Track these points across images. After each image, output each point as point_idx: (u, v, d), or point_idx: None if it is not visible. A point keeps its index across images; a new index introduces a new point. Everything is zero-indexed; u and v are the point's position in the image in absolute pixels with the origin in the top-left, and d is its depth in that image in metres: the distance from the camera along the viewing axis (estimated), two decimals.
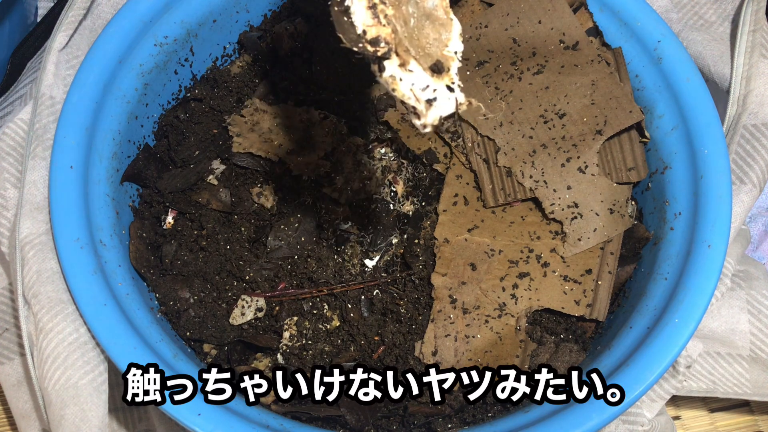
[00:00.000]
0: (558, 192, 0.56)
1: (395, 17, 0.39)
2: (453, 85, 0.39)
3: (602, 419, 0.46)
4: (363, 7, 0.38)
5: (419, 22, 0.40)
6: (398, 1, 0.40)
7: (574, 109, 0.57)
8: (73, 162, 0.52)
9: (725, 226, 0.52)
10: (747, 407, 0.64)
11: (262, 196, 0.58)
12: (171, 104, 0.60)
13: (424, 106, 0.38)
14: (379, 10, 0.38)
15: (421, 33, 0.40)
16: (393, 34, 0.38)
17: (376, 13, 0.38)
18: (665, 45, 0.57)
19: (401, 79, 0.38)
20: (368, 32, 0.38)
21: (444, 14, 0.40)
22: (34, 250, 0.51)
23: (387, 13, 0.39)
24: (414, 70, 0.38)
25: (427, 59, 0.39)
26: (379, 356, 0.54)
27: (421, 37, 0.40)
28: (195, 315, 0.54)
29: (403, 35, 0.39)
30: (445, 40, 0.40)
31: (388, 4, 0.39)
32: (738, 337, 0.56)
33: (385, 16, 0.39)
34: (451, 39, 0.40)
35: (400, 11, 0.39)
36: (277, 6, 0.63)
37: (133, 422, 0.55)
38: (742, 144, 0.58)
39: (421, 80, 0.38)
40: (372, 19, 0.38)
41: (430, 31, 0.40)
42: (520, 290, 0.54)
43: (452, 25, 0.40)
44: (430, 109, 0.38)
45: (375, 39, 0.38)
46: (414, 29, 0.40)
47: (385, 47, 0.38)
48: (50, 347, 0.50)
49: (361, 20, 0.38)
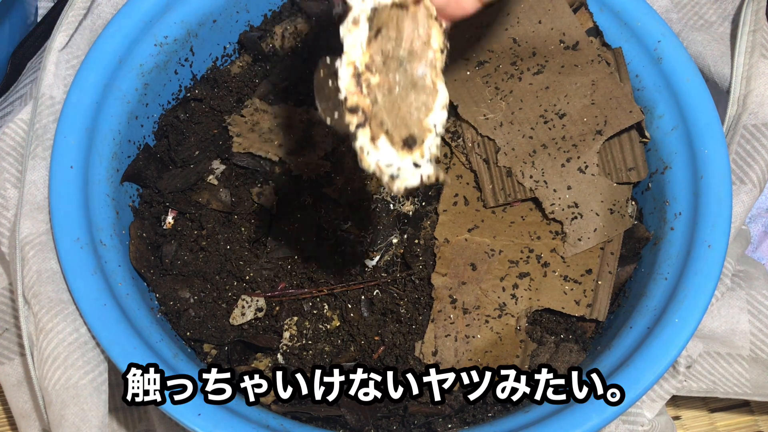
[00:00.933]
0: (558, 192, 0.56)
1: (378, 86, 0.40)
2: (422, 159, 0.40)
3: (602, 419, 0.46)
4: (349, 74, 0.39)
5: (404, 90, 0.41)
6: (386, 68, 0.40)
7: (574, 109, 0.57)
8: (73, 162, 0.52)
9: (725, 226, 0.52)
10: (747, 407, 0.64)
11: (262, 196, 0.58)
12: (171, 104, 0.60)
13: (387, 179, 0.40)
14: (364, 78, 0.39)
15: (404, 101, 0.41)
16: (371, 105, 0.40)
17: (360, 81, 0.39)
18: (665, 45, 0.57)
19: (368, 153, 0.39)
20: (349, 99, 0.39)
21: (431, 83, 0.41)
22: (34, 250, 0.51)
23: (371, 81, 0.40)
24: (381, 147, 0.39)
25: (403, 130, 0.40)
26: (379, 356, 0.54)
27: (403, 106, 0.40)
28: (195, 315, 0.54)
29: (383, 105, 0.40)
30: (427, 110, 0.41)
31: (375, 72, 0.40)
32: (738, 337, 0.56)
33: (368, 85, 0.39)
34: (433, 110, 0.41)
35: (386, 78, 0.40)
36: (277, 6, 0.63)
37: (133, 422, 0.55)
38: (742, 144, 0.58)
39: (387, 157, 0.39)
40: (355, 86, 0.39)
41: (414, 99, 0.41)
42: (521, 290, 0.54)
43: (437, 95, 0.41)
44: (392, 183, 0.40)
45: (354, 107, 0.39)
46: (397, 97, 0.40)
47: (361, 117, 0.39)
48: (50, 347, 0.50)
49: (345, 86, 0.39)
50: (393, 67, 0.41)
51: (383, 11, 0.40)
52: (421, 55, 0.41)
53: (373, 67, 0.40)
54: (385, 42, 0.40)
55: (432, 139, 0.40)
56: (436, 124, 0.41)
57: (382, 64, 0.40)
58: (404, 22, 0.41)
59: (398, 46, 0.41)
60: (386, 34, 0.40)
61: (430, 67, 0.41)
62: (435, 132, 0.41)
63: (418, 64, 0.41)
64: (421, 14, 0.41)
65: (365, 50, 0.40)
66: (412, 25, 0.41)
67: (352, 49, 0.39)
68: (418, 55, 0.41)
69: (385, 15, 0.40)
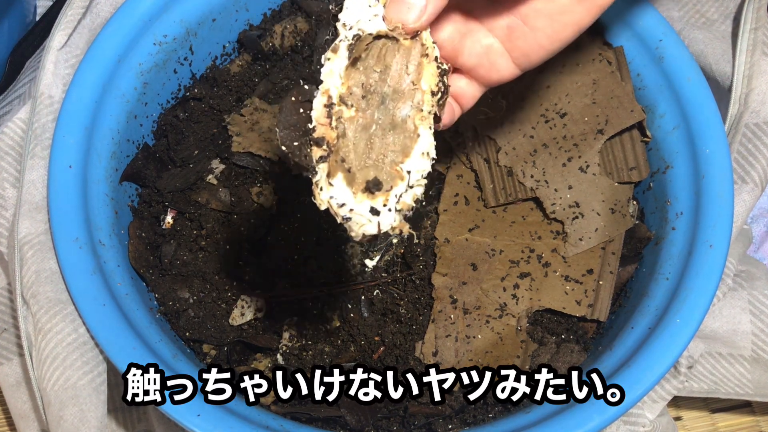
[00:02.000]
0: (559, 192, 0.56)
1: (351, 120, 0.37)
2: (383, 207, 0.36)
3: (603, 420, 0.46)
4: (321, 104, 0.37)
5: (382, 130, 0.38)
6: (366, 103, 0.38)
7: (575, 108, 0.57)
8: (72, 161, 0.52)
9: (727, 226, 0.51)
10: (749, 408, 0.64)
11: (262, 195, 0.57)
12: (170, 103, 0.60)
13: (340, 220, 0.37)
14: (335, 111, 0.37)
15: (379, 141, 0.38)
16: (336, 139, 0.37)
17: (331, 113, 0.37)
18: (667, 44, 0.56)
19: (322, 188, 0.37)
20: (317, 130, 0.37)
21: (413, 127, 0.38)
22: (33, 250, 0.51)
23: (342, 115, 0.37)
24: (335, 186, 0.37)
25: (369, 172, 0.37)
26: (379, 356, 0.54)
27: (376, 146, 0.38)
28: (194, 315, 0.54)
29: (352, 142, 0.37)
30: (403, 155, 0.38)
31: (350, 105, 0.37)
32: (740, 337, 0.56)
33: (338, 118, 0.37)
34: (411, 156, 0.38)
35: (364, 114, 0.38)
36: (277, 5, 0.62)
37: (132, 423, 0.55)
38: (743, 143, 0.57)
39: (340, 197, 0.36)
40: (325, 118, 0.37)
41: (391, 141, 0.38)
42: (521, 290, 0.54)
43: (417, 141, 0.38)
44: (347, 226, 0.37)
45: (320, 139, 0.37)
46: (372, 135, 0.38)
47: (325, 150, 0.37)
48: (49, 347, 0.50)
49: (316, 116, 0.37)
50: (373, 104, 0.38)
51: (365, 40, 0.38)
52: (407, 95, 0.38)
53: (350, 100, 0.37)
54: (367, 75, 0.38)
55: (402, 187, 0.37)
56: (410, 172, 0.37)
57: (362, 97, 0.38)
58: (393, 56, 0.38)
59: (383, 81, 0.38)
60: (370, 66, 0.38)
61: (416, 110, 0.38)
62: (407, 181, 0.37)
63: (403, 104, 0.38)
64: (415, 51, 0.38)
65: (343, 80, 0.37)
66: (401, 61, 0.38)
67: (328, 77, 0.37)
68: (404, 94, 0.38)
69: (371, 46, 0.38)
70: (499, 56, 0.42)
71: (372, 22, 0.38)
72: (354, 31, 0.37)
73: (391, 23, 0.37)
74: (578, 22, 0.41)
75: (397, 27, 0.37)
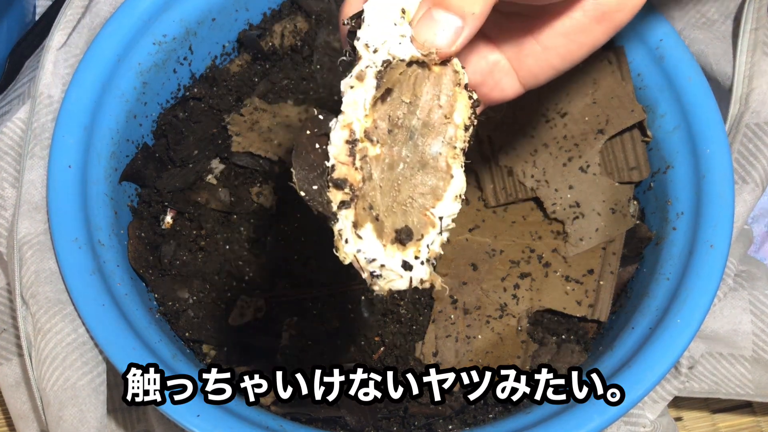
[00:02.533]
0: (559, 192, 0.55)
1: (377, 159, 0.33)
2: (415, 260, 0.32)
3: (604, 420, 0.46)
4: (343, 140, 0.32)
5: (410, 169, 0.33)
6: (393, 139, 0.33)
7: (575, 108, 0.56)
8: (72, 161, 0.52)
9: (728, 226, 0.51)
10: (749, 408, 0.64)
11: (262, 195, 0.57)
12: (170, 103, 0.60)
13: (367, 276, 0.32)
14: (359, 149, 0.32)
15: (407, 182, 0.33)
16: (362, 182, 0.32)
17: (354, 150, 0.32)
18: (667, 44, 0.56)
19: (347, 240, 0.32)
20: (337, 170, 0.32)
21: (445, 166, 0.33)
22: (32, 250, 0.51)
23: (368, 153, 0.32)
24: (365, 238, 0.32)
25: (398, 219, 0.33)
26: (379, 357, 0.54)
27: (404, 188, 0.33)
28: (194, 315, 0.54)
29: (378, 184, 0.33)
30: (434, 198, 0.33)
31: (376, 142, 0.33)
32: (740, 337, 0.56)
33: (363, 157, 0.32)
34: (443, 199, 0.33)
35: (390, 151, 0.33)
36: (276, 4, 0.62)
37: (132, 423, 0.55)
38: (744, 143, 0.57)
39: (370, 251, 0.32)
40: (347, 155, 0.32)
41: (420, 182, 0.33)
42: (522, 290, 0.54)
43: (450, 182, 0.33)
44: (373, 282, 0.32)
45: (341, 180, 0.32)
46: (399, 176, 0.33)
47: (347, 194, 0.32)
48: (48, 348, 0.50)
49: (335, 153, 0.32)
50: (400, 139, 0.33)
51: (398, 68, 0.32)
52: (438, 130, 0.33)
53: (375, 136, 0.33)
54: (395, 107, 0.33)
55: (432, 235, 0.33)
56: (442, 218, 0.33)
57: (388, 132, 0.33)
58: (423, 85, 0.33)
59: (411, 113, 0.33)
60: (398, 97, 0.33)
61: (448, 146, 0.33)
62: (439, 227, 0.33)
63: (434, 139, 0.33)
64: (446, 79, 0.33)
65: (368, 113, 0.32)
66: (432, 91, 0.33)
67: (351, 109, 0.32)
68: (435, 128, 0.33)
69: (399, 73, 0.33)
70: (505, 74, 0.40)
71: (403, 45, 0.32)
72: (382, 56, 0.32)
73: (424, 47, 0.32)
74: (594, 42, 0.39)
75: (432, 52, 0.32)
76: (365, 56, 0.32)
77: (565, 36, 0.38)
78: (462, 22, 0.32)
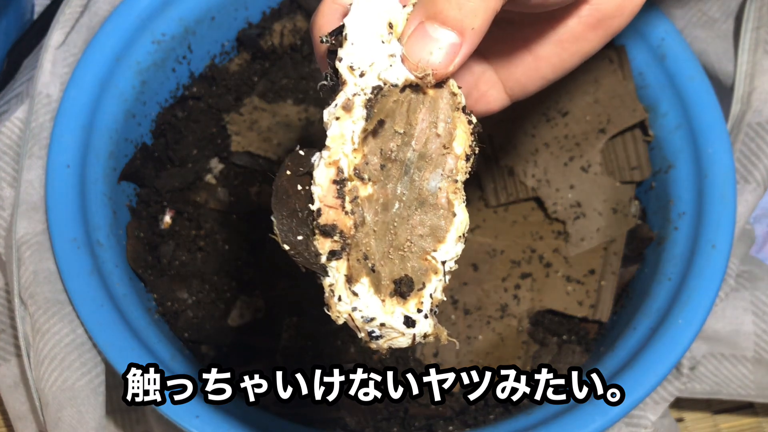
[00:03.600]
0: (560, 191, 0.55)
1: (370, 199, 0.29)
2: (418, 314, 0.29)
3: (605, 421, 0.46)
4: (329, 179, 0.28)
5: (407, 209, 0.29)
6: (386, 175, 0.29)
7: (576, 107, 0.56)
8: (70, 161, 0.51)
9: (729, 226, 0.51)
10: (751, 409, 0.63)
11: (261, 195, 0.57)
12: (169, 102, 0.59)
13: (365, 336, 0.29)
14: (348, 189, 0.28)
15: (404, 224, 0.29)
16: (354, 229, 0.28)
17: (343, 192, 0.28)
18: (669, 42, 0.56)
19: (340, 297, 0.29)
20: (324, 215, 0.28)
21: (446, 203, 0.29)
22: (31, 251, 0.51)
23: (359, 193, 0.28)
24: (360, 294, 0.29)
25: (396, 267, 0.29)
26: (379, 357, 0.54)
27: (401, 230, 0.29)
28: (193, 316, 0.54)
29: (372, 228, 0.29)
30: (435, 240, 0.29)
31: (367, 180, 0.29)
32: (742, 338, 0.56)
33: (353, 199, 0.28)
34: (445, 241, 0.29)
35: (384, 190, 0.29)
36: (276, 3, 0.62)
37: (131, 424, 0.54)
38: (746, 142, 0.57)
39: (366, 309, 0.29)
40: (335, 198, 0.28)
41: (419, 222, 0.29)
42: (523, 291, 0.54)
43: (452, 220, 0.29)
44: (371, 342, 0.29)
45: (329, 227, 0.28)
46: (396, 216, 0.29)
47: (338, 243, 0.28)
48: (47, 348, 0.49)
49: (319, 194, 0.28)
50: (395, 175, 0.29)
51: (391, 95, 0.28)
52: (437, 162, 0.29)
53: (366, 173, 0.29)
54: (387, 138, 0.29)
55: (435, 283, 0.29)
56: (445, 262, 0.29)
57: (380, 168, 0.29)
58: (418, 112, 0.29)
59: (406, 145, 0.29)
60: (391, 127, 0.29)
61: (448, 180, 0.29)
62: (443, 273, 0.29)
63: (431, 173, 0.29)
64: (443, 102, 0.29)
65: (357, 147, 0.28)
66: (429, 118, 0.29)
67: (338, 144, 0.28)
68: (433, 160, 0.29)
69: (393, 101, 0.29)
70: (492, 86, 0.37)
71: (394, 67, 0.28)
72: (371, 80, 0.28)
73: (418, 68, 0.28)
74: (588, 51, 0.36)
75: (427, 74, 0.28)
76: (350, 81, 0.28)
77: (558, 44, 0.36)
78: (460, 38, 0.28)
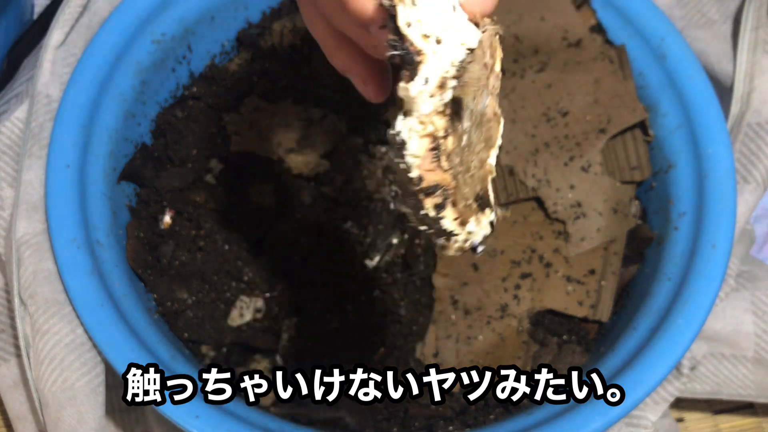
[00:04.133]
0: (561, 191, 0.55)
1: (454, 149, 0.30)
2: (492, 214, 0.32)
3: (605, 421, 0.46)
4: (425, 148, 0.29)
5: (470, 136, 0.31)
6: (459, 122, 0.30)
7: (577, 107, 0.56)
8: (70, 161, 0.51)
9: (730, 226, 0.51)
10: (751, 409, 0.63)
11: (261, 195, 0.57)
12: (168, 102, 0.59)
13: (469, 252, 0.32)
14: (443, 149, 0.29)
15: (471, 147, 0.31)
16: (454, 179, 0.30)
17: (439, 154, 0.29)
18: (669, 42, 0.56)
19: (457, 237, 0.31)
20: (425, 179, 0.29)
21: (492, 114, 0.31)
22: (31, 251, 0.51)
23: (448, 148, 0.30)
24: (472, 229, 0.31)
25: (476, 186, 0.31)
26: (379, 357, 0.54)
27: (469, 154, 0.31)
28: (193, 316, 0.54)
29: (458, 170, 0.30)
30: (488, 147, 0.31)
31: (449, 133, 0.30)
32: (742, 338, 0.56)
33: (447, 156, 0.30)
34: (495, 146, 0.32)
35: (456, 133, 0.30)
36: (276, 2, 0.62)
37: (131, 424, 0.54)
38: (746, 142, 0.57)
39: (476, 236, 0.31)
40: (431, 162, 0.29)
41: (477, 139, 0.31)
42: (523, 291, 0.54)
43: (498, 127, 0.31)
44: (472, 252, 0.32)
45: (431, 187, 0.29)
46: (465, 147, 0.31)
47: (440, 197, 0.30)
48: (47, 348, 0.49)
49: (417, 163, 0.29)
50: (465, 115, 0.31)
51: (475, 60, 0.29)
52: (485, 84, 0.30)
53: (450, 129, 0.30)
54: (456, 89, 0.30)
55: (489, 180, 0.32)
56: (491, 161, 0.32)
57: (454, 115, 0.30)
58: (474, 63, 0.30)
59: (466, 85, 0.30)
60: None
61: (492, 96, 0.31)
62: (493, 170, 0.32)
63: (482, 96, 0.31)
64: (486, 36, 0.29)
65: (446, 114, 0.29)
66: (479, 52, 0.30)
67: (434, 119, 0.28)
68: (482, 84, 0.30)
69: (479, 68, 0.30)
70: None
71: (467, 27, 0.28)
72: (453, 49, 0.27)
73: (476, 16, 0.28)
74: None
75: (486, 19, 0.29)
76: (428, 51, 0.27)
77: None
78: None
